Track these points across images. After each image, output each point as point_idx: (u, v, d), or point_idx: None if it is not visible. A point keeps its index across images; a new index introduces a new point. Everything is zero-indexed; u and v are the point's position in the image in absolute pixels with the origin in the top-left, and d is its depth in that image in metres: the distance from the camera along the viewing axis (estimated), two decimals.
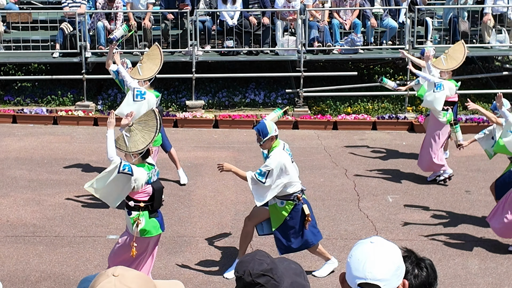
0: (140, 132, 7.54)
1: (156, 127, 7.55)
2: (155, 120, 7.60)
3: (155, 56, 10.32)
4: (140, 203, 7.50)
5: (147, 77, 10.24)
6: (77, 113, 14.82)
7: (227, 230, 9.86)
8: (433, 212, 10.53)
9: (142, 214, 7.49)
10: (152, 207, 7.56)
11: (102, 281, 2.61)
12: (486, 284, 8.53)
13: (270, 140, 8.29)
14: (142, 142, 7.49)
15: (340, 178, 11.86)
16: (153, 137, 7.50)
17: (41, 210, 10.44)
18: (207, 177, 11.76)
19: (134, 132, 7.55)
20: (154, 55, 10.35)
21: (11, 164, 12.28)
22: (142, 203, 7.51)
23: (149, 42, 15.14)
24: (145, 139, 7.50)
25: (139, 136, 7.52)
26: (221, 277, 8.60)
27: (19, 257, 9.02)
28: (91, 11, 15.32)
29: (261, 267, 3.49)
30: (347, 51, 15.38)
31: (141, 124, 7.63)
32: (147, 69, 10.20)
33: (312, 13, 15.38)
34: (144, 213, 7.51)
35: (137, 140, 7.50)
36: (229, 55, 15.35)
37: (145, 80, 10.30)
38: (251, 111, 15.13)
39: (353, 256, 3.00)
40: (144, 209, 7.51)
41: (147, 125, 7.60)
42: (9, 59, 15.60)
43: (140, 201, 7.51)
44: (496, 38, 15.52)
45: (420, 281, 3.52)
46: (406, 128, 14.69)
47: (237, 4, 15.29)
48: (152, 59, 10.31)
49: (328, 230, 9.86)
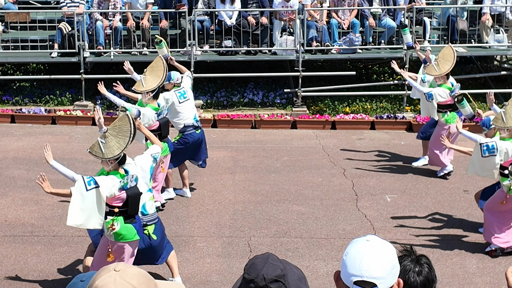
0: (115, 138, 7.53)
1: (130, 132, 7.53)
2: (129, 124, 7.57)
3: (159, 68, 10.33)
4: (115, 208, 7.54)
5: (149, 88, 10.23)
6: (75, 113, 14.82)
7: (225, 230, 9.87)
8: (431, 211, 10.53)
9: (116, 219, 7.54)
10: (127, 213, 7.59)
11: (104, 275, 2.63)
12: (484, 283, 8.53)
13: None
14: (117, 148, 7.48)
15: (338, 177, 11.86)
16: (127, 141, 7.47)
17: (39, 209, 10.44)
18: (205, 177, 11.77)
19: (109, 138, 7.53)
20: (157, 67, 10.36)
21: (10, 163, 12.28)
22: (117, 208, 7.55)
23: (147, 42, 15.14)
24: (120, 144, 7.48)
25: (114, 142, 7.50)
26: (219, 276, 8.61)
27: (17, 256, 9.02)
28: (89, 10, 15.32)
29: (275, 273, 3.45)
30: (345, 51, 15.39)
31: (116, 130, 7.60)
32: (150, 81, 10.21)
33: (311, 12, 15.38)
34: (118, 218, 7.55)
35: (112, 146, 7.49)
36: (227, 55, 15.36)
37: (148, 91, 10.28)
38: (250, 111, 15.13)
39: (348, 254, 3.00)
40: (118, 215, 7.55)
41: (121, 130, 7.57)
42: (8, 59, 15.59)
43: (115, 206, 7.55)
44: (494, 38, 15.53)
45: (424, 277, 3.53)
46: (404, 127, 14.70)
47: (235, 4, 15.29)
48: (155, 71, 10.32)
49: (326, 230, 9.86)
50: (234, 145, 13.55)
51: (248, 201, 10.87)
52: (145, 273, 2.71)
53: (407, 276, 3.54)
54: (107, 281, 2.60)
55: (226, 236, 9.67)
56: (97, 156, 7.53)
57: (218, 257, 9.06)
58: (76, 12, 14.92)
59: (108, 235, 7.60)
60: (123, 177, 7.54)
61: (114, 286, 2.59)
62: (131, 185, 7.59)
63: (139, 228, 7.74)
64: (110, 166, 7.54)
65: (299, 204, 10.75)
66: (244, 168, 12.28)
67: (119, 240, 7.60)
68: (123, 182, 7.50)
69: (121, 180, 7.50)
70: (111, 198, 7.50)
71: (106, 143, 7.49)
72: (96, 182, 7.39)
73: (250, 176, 11.89)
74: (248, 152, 13.09)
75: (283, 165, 12.42)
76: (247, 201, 10.84)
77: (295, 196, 11.05)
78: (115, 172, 7.56)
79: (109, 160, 7.50)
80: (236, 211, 10.48)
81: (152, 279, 2.71)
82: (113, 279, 2.60)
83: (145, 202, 7.97)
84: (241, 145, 13.55)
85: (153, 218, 8.06)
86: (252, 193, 11.16)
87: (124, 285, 2.60)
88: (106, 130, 7.61)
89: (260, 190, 11.30)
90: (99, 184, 7.39)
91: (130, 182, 7.58)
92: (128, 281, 2.61)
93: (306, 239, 9.58)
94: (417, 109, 15.01)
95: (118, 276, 2.61)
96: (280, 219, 10.23)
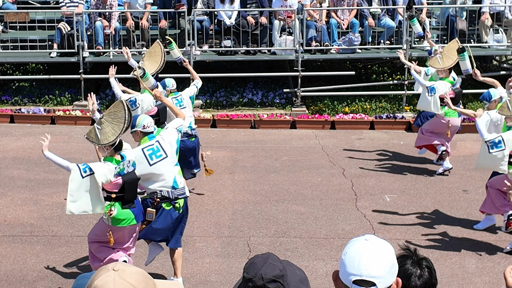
0: (110, 124, 7.58)
1: (124, 118, 7.56)
2: (124, 111, 7.60)
3: (156, 53, 10.32)
4: (112, 194, 7.61)
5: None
6: (74, 113, 14.82)
7: (224, 230, 9.86)
8: (430, 211, 10.53)
9: (114, 204, 7.62)
10: (124, 198, 7.64)
11: (102, 274, 2.63)
12: (483, 283, 8.53)
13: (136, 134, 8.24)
14: (112, 134, 7.52)
15: (337, 177, 11.86)
16: (122, 128, 7.51)
17: (39, 209, 10.44)
18: (205, 177, 11.76)
19: (105, 124, 7.57)
20: (155, 53, 10.35)
21: (9, 163, 12.28)
22: (114, 194, 7.61)
23: (146, 42, 15.15)
24: (115, 131, 7.53)
25: (109, 128, 7.55)
26: (219, 276, 8.60)
27: (16, 256, 9.01)
28: (88, 10, 15.32)
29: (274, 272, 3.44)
30: (344, 51, 15.40)
31: (111, 116, 7.65)
32: (149, 67, 10.19)
33: (310, 12, 15.38)
34: (116, 203, 7.62)
35: (107, 132, 7.54)
36: (227, 54, 15.36)
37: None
38: (249, 111, 15.13)
39: (347, 253, 3.00)
40: (116, 200, 7.62)
41: (116, 116, 7.61)
42: (7, 58, 15.60)
43: (112, 192, 7.61)
44: (493, 38, 15.54)
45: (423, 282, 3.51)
46: (403, 127, 14.70)
47: (234, 3, 15.29)
48: (154, 57, 10.30)
49: (325, 230, 9.86)
50: (233, 145, 13.54)
51: (248, 201, 10.87)
52: (144, 272, 2.72)
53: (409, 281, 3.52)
54: (106, 280, 2.61)
55: (225, 236, 9.67)
56: (93, 142, 7.61)
57: (217, 257, 9.06)
58: (75, 12, 14.92)
59: (106, 220, 7.66)
60: (118, 163, 7.59)
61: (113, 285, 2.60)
62: (128, 170, 7.63)
63: (138, 213, 7.78)
64: (106, 152, 7.61)
65: (298, 204, 10.74)
66: (243, 168, 12.28)
67: (117, 225, 7.67)
68: (119, 168, 7.55)
69: (117, 166, 7.55)
70: (107, 184, 7.55)
71: (102, 129, 7.54)
72: (91, 169, 7.44)
73: (249, 176, 11.89)
74: (247, 152, 13.09)
75: (283, 165, 12.42)
76: (247, 201, 10.84)
77: (295, 196, 11.05)
78: (110, 158, 7.63)
79: (104, 146, 7.54)
80: (236, 211, 10.48)
81: (150, 278, 2.71)
82: (112, 278, 2.61)
83: (175, 176, 8.07)
84: (240, 145, 13.54)
85: (183, 192, 8.17)
86: (252, 193, 11.16)
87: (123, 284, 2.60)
88: (102, 116, 7.64)
89: (259, 190, 11.30)
90: (94, 171, 7.43)
91: (127, 168, 7.62)
92: (127, 280, 2.61)
93: (305, 239, 9.58)
94: (416, 109, 15.01)
95: (117, 275, 2.62)
96: (280, 219, 10.22)
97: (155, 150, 8.09)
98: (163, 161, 8.09)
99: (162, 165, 8.09)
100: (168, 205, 8.12)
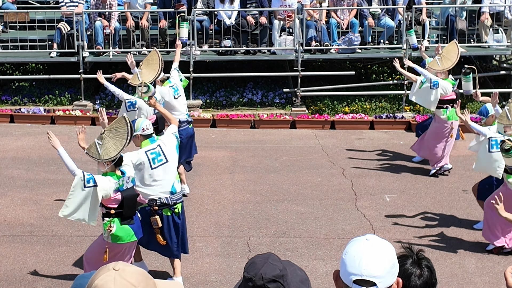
0: (112, 139, 7.55)
1: (127, 134, 7.56)
2: (126, 127, 7.59)
3: (154, 61, 10.33)
4: (111, 210, 7.58)
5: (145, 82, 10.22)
6: (74, 113, 14.81)
7: (224, 230, 9.87)
8: (430, 211, 10.54)
9: (113, 220, 7.59)
10: (123, 214, 7.62)
11: (103, 274, 2.64)
12: (483, 283, 8.54)
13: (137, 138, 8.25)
14: (114, 150, 7.50)
15: (337, 177, 11.86)
16: (124, 144, 7.51)
17: (39, 209, 10.44)
18: (205, 177, 11.77)
19: (106, 139, 7.55)
20: (153, 60, 10.36)
21: (9, 163, 12.28)
22: (113, 210, 7.59)
23: (146, 41, 15.14)
24: (116, 146, 7.51)
25: (111, 144, 7.52)
26: (219, 276, 8.61)
27: (16, 256, 9.02)
28: (88, 10, 15.32)
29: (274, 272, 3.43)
30: (344, 51, 15.39)
31: (113, 131, 7.62)
32: (146, 75, 10.21)
33: (310, 12, 15.38)
34: (115, 219, 7.59)
35: (109, 148, 7.51)
36: (226, 54, 15.35)
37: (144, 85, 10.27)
38: (249, 111, 15.13)
39: (348, 253, 3.00)
40: (115, 216, 7.59)
41: (118, 132, 7.60)
42: (7, 58, 15.59)
43: (111, 208, 7.58)
44: (493, 38, 15.53)
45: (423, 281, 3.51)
46: (403, 127, 14.70)
47: (234, 3, 15.29)
48: (151, 64, 10.32)
49: (325, 230, 9.86)
50: (233, 145, 13.54)
51: (247, 201, 10.87)
52: (144, 271, 2.72)
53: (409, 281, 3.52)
54: (107, 280, 2.61)
55: (225, 236, 9.67)
56: (94, 157, 7.56)
57: (217, 257, 9.06)
58: (75, 12, 14.91)
59: (106, 237, 7.63)
60: (119, 178, 7.57)
61: (114, 285, 2.60)
62: (127, 186, 7.62)
63: (137, 229, 7.76)
64: (107, 168, 7.58)
65: (298, 204, 10.74)
66: (243, 168, 12.28)
67: (116, 242, 7.64)
68: (119, 183, 7.54)
69: (117, 182, 7.53)
70: (106, 199, 7.53)
71: (103, 145, 7.51)
72: (95, 182, 7.43)
73: (249, 176, 11.89)
74: (247, 152, 13.09)
75: (282, 165, 12.42)
76: (246, 201, 10.85)
77: (294, 196, 11.05)
78: (111, 173, 7.59)
79: (105, 161, 7.52)
80: (235, 211, 10.48)
81: (150, 277, 2.72)
82: (113, 278, 2.61)
83: (173, 182, 8.14)
84: (240, 145, 13.54)
85: (180, 197, 8.26)
86: (251, 193, 11.16)
87: (124, 284, 2.60)
88: (103, 132, 7.62)
89: (259, 190, 11.30)
90: (97, 184, 7.42)
91: (126, 184, 7.61)
92: (127, 280, 2.61)
93: (305, 239, 9.58)
94: (416, 109, 15.02)
95: (117, 275, 2.62)
96: (279, 219, 10.23)
97: (157, 154, 8.13)
98: (164, 166, 8.14)
99: (162, 170, 8.12)
100: (168, 211, 8.17)
